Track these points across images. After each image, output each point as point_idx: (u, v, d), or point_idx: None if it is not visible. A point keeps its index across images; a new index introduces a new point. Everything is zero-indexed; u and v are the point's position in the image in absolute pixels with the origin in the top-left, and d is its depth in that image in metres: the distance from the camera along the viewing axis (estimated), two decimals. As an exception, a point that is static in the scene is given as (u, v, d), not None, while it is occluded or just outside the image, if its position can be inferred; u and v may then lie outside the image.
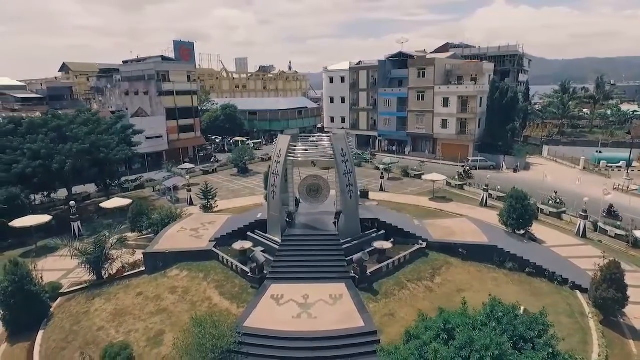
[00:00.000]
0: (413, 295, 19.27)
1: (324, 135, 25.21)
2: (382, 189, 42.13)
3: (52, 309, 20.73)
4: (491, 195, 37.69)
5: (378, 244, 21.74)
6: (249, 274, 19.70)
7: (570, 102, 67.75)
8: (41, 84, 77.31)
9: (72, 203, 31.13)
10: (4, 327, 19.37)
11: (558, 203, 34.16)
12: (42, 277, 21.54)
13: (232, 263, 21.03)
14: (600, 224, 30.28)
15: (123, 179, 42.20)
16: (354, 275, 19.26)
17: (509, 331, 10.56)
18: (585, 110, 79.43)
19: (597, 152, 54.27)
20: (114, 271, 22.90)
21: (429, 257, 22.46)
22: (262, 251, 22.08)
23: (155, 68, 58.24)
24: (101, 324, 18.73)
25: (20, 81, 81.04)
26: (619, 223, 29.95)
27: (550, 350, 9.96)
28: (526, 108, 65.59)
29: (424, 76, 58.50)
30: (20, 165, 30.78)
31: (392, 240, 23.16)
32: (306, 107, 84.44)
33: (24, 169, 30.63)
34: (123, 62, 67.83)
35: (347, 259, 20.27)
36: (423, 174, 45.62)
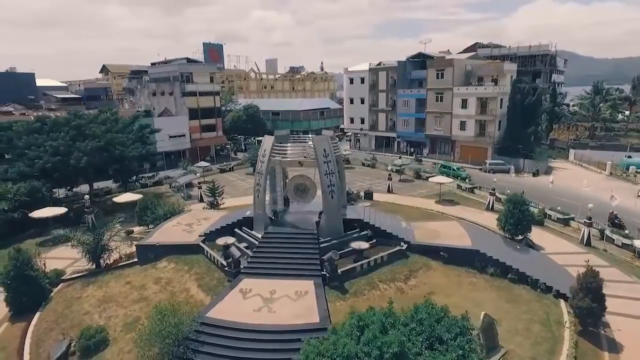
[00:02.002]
0: (383, 295, 19.40)
1: (310, 136, 25.71)
2: (389, 191, 42.09)
3: (52, 294, 22.51)
4: (499, 199, 36.77)
5: (355, 244, 22.01)
6: (226, 268, 20.62)
7: (602, 104, 64.28)
8: (79, 84, 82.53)
9: (86, 197, 33.46)
10: (7, 307, 21.27)
11: None
12: (44, 264, 23.52)
13: (214, 257, 22.03)
14: (607, 232, 28.99)
15: (141, 175, 44.42)
16: (324, 273, 19.69)
17: (426, 332, 10.74)
18: (627, 112, 75.07)
19: (626, 156, 51.36)
20: (111, 261, 24.56)
21: (408, 259, 22.49)
22: (245, 247, 23.01)
23: (179, 70, 60.81)
24: (88, 309, 20.26)
25: (63, 82, 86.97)
26: (626, 231, 28.56)
27: (461, 352, 10.08)
28: (552, 110, 62.92)
29: (442, 77, 57.62)
30: (41, 160, 33.40)
31: (373, 241, 23.36)
32: (329, 108, 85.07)
33: (44, 164, 33.23)
34: (151, 64, 71.30)
35: (322, 257, 20.68)
36: (434, 175, 45.08)
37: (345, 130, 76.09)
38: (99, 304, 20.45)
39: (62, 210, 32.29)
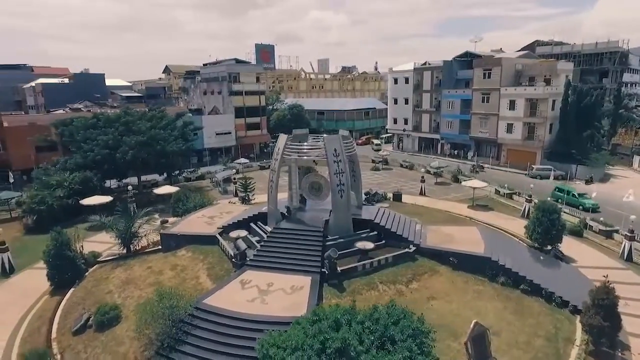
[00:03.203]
0: (380, 296, 19.35)
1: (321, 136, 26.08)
2: (422, 193, 41.29)
3: (87, 273, 24.98)
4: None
5: (360, 244, 22.07)
6: (233, 260, 21.69)
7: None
8: (141, 84, 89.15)
9: (129, 187, 36.43)
10: (49, 282, 23.95)
11: None
12: (82, 246, 26.15)
13: (226, 248, 23.22)
14: (652, 248, 26.40)
15: (184, 170, 47.28)
16: (324, 270, 20.04)
17: (379, 331, 10.83)
18: None
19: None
20: (140, 247, 26.72)
21: (415, 263, 22.14)
22: (257, 241, 23.94)
23: (227, 70, 63.83)
24: (111, 288, 22.29)
25: (129, 82, 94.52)
26: None
27: (407, 354, 10.08)
28: (616, 112, 57.78)
29: (489, 77, 55.16)
30: (93, 153, 36.91)
31: (382, 242, 23.28)
32: (374, 108, 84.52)
33: (95, 156, 36.67)
34: (203, 64, 75.30)
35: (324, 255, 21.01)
36: (471, 179, 43.41)
37: (388, 131, 75.18)
38: (121, 285, 22.44)
39: (107, 198, 35.43)
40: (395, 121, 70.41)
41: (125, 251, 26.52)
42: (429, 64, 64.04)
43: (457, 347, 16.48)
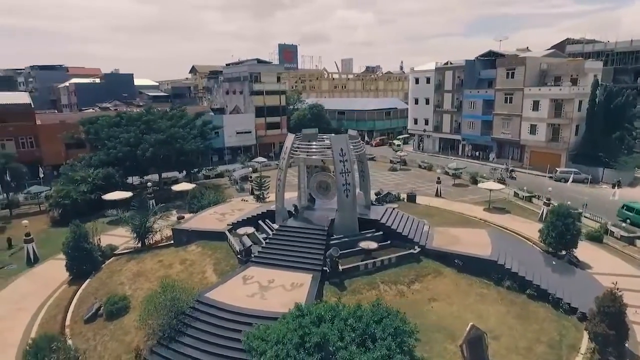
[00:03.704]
0: (380, 296, 19.19)
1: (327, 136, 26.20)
2: (438, 195, 40.79)
3: (103, 265, 26.10)
4: (556, 210, 33.63)
5: (364, 244, 22.11)
6: (238, 256, 22.18)
7: None
8: (167, 84, 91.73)
9: (149, 184, 37.67)
10: (68, 272, 25.18)
11: None
12: (99, 239, 27.34)
13: (233, 245, 23.75)
14: (676, 256, 25.18)
15: (203, 167, 48.45)
16: (325, 269, 20.21)
17: (361, 329, 10.95)
18: None
19: None
20: (153, 241, 27.66)
21: (420, 264, 21.97)
22: (264, 238, 24.38)
23: (248, 70, 64.83)
24: (123, 280, 23.22)
25: (156, 82, 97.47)
26: None
27: (385, 352, 10.16)
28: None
29: (513, 77, 53.76)
30: (115, 150, 38.39)
31: (388, 242, 23.23)
32: (395, 108, 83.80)
33: (117, 153, 38.13)
34: (226, 64, 76.72)
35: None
36: (486, 181, 42.51)
37: (408, 131, 74.40)
38: (132, 277, 23.34)
39: (128, 194, 36.78)
40: (415, 121, 69.66)
41: (140, 245, 27.51)
42: (451, 63, 62.98)
43: (453, 350, 16.31)
